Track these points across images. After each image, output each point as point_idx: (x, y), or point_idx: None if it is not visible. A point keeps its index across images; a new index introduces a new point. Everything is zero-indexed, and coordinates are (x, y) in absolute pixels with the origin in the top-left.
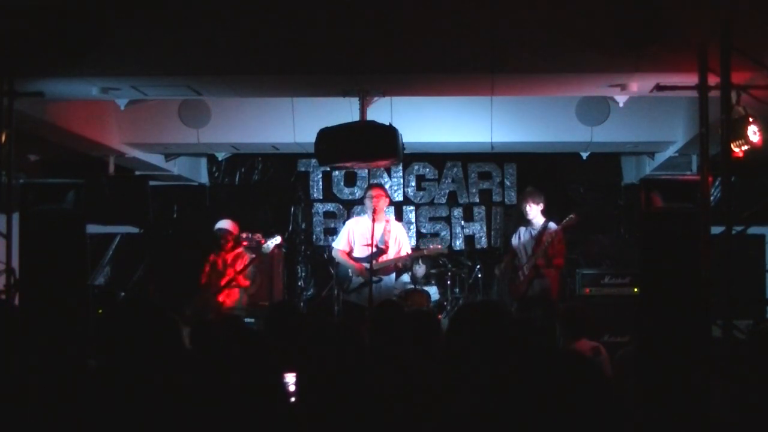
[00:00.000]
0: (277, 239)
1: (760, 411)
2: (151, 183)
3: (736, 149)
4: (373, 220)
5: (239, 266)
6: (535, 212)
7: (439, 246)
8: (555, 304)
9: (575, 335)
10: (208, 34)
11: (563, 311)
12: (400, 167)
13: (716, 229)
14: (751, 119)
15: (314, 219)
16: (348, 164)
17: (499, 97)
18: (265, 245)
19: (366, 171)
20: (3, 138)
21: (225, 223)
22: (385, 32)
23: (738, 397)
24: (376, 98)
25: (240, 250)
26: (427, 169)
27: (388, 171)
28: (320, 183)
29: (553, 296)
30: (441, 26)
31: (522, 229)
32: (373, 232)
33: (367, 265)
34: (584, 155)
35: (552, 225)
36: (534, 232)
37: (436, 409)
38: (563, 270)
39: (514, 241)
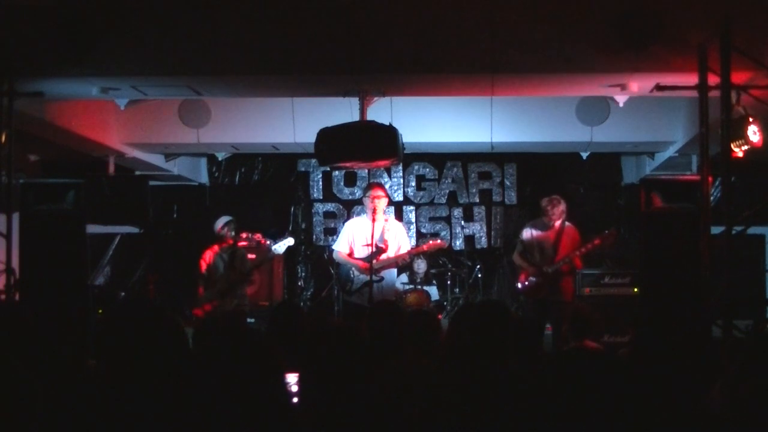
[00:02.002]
0: (290, 241)
1: (760, 411)
2: (151, 183)
3: (736, 149)
4: (373, 220)
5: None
6: (557, 220)
7: (438, 241)
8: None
9: (580, 336)
10: (208, 34)
11: (571, 313)
12: (400, 167)
13: (716, 229)
14: (751, 119)
15: (314, 219)
16: (348, 164)
17: (499, 97)
18: (276, 246)
19: (366, 171)
20: (3, 138)
21: (227, 219)
22: (385, 32)
23: (737, 396)
24: (376, 98)
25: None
26: (427, 169)
27: (388, 171)
28: (320, 183)
29: (570, 299)
30: (441, 26)
31: (534, 226)
32: (372, 232)
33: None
34: (584, 155)
35: (568, 225)
36: (550, 231)
37: (436, 409)
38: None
39: (527, 236)
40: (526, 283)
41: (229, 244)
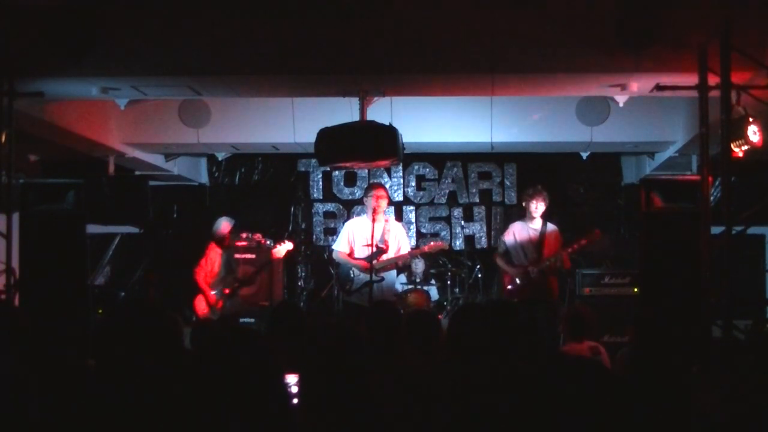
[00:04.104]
0: (288, 245)
1: (760, 411)
2: (151, 183)
3: (736, 149)
4: (373, 220)
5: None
6: (540, 211)
7: (440, 242)
8: (558, 306)
9: (578, 336)
10: (208, 34)
11: (569, 313)
12: (400, 167)
13: (716, 229)
14: (751, 119)
15: (314, 219)
16: (348, 164)
17: (499, 97)
18: (275, 250)
19: (366, 171)
20: (3, 138)
21: (232, 222)
22: (385, 32)
23: (737, 396)
24: (376, 98)
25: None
26: (427, 169)
27: (388, 171)
28: (320, 183)
29: (555, 298)
30: (441, 26)
31: (517, 226)
32: (372, 232)
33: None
34: (584, 155)
35: (551, 226)
36: (532, 232)
37: (436, 410)
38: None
39: (509, 238)
40: (512, 286)
41: (229, 246)
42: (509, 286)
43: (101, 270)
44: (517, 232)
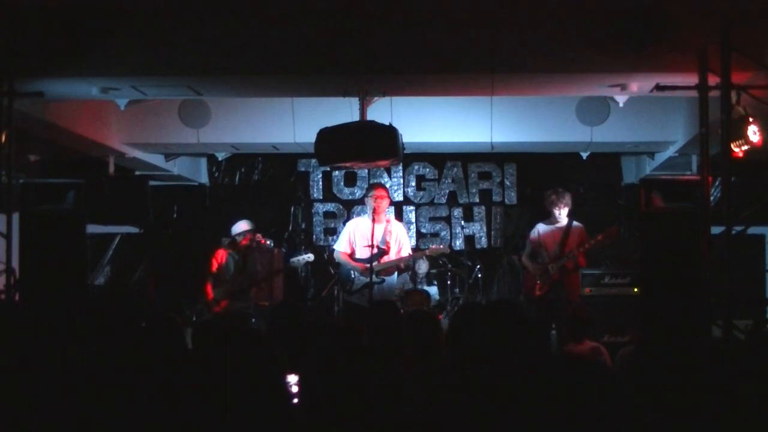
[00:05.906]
0: (310, 257)
1: (760, 411)
2: (151, 183)
3: (736, 149)
4: (373, 221)
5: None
6: (564, 214)
7: (441, 246)
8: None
9: (578, 336)
10: (208, 34)
11: (569, 312)
12: (400, 167)
13: (716, 229)
14: (751, 119)
15: (314, 219)
16: (348, 164)
17: (499, 97)
18: (295, 260)
19: (366, 171)
20: (3, 138)
21: (250, 225)
22: (385, 32)
23: (738, 397)
24: (376, 98)
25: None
26: (427, 169)
27: (388, 171)
28: (320, 183)
29: (575, 298)
30: (441, 26)
31: (542, 225)
32: (373, 233)
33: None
34: (584, 155)
35: (575, 223)
36: (556, 230)
37: (436, 410)
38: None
39: (533, 237)
40: (532, 284)
41: (243, 247)
42: (529, 284)
43: (101, 270)
44: (541, 231)
